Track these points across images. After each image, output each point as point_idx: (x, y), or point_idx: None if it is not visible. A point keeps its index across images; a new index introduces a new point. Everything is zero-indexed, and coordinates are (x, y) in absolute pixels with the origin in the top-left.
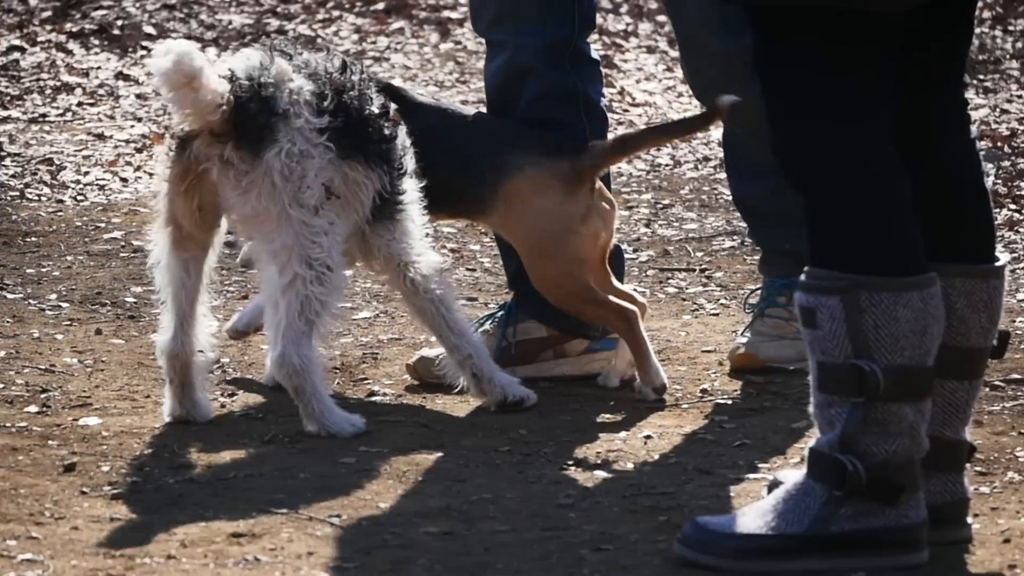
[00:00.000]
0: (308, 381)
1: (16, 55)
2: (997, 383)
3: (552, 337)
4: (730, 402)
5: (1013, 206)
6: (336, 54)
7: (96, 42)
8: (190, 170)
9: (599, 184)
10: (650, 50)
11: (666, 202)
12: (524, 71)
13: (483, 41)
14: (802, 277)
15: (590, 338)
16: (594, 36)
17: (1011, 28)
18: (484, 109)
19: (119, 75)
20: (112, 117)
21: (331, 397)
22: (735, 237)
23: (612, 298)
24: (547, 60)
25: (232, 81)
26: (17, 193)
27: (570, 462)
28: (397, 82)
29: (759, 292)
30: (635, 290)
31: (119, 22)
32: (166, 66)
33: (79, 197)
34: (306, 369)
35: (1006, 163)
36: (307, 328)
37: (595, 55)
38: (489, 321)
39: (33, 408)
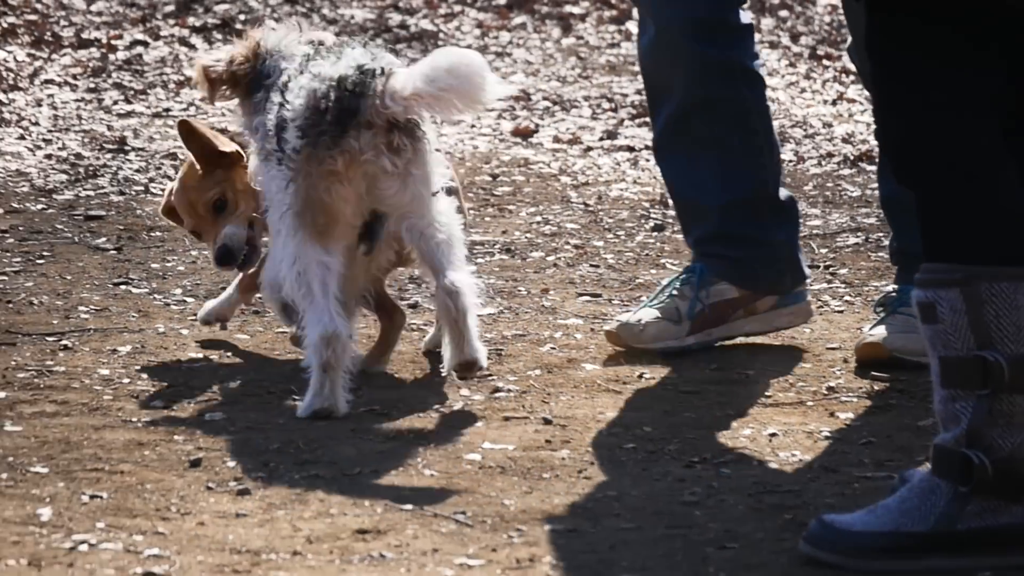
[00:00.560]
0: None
1: (139, 49)
2: None
3: (744, 297)
4: (855, 399)
5: None
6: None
7: (219, 36)
8: (354, 160)
9: None
10: (773, 45)
11: None
12: (675, 48)
13: (604, 36)
14: (917, 275)
15: (779, 294)
16: None
17: None
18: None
19: None
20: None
21: None
22: (859, 233)
23: None
24: (698, 35)
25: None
26: (142, 188)
27: (695, 459)
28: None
29: (889, 293)
30: None
31: (241, 16)
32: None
33: None
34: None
35: None
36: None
37: (747, 19)
38: (676, 285)
39: (159, 403)
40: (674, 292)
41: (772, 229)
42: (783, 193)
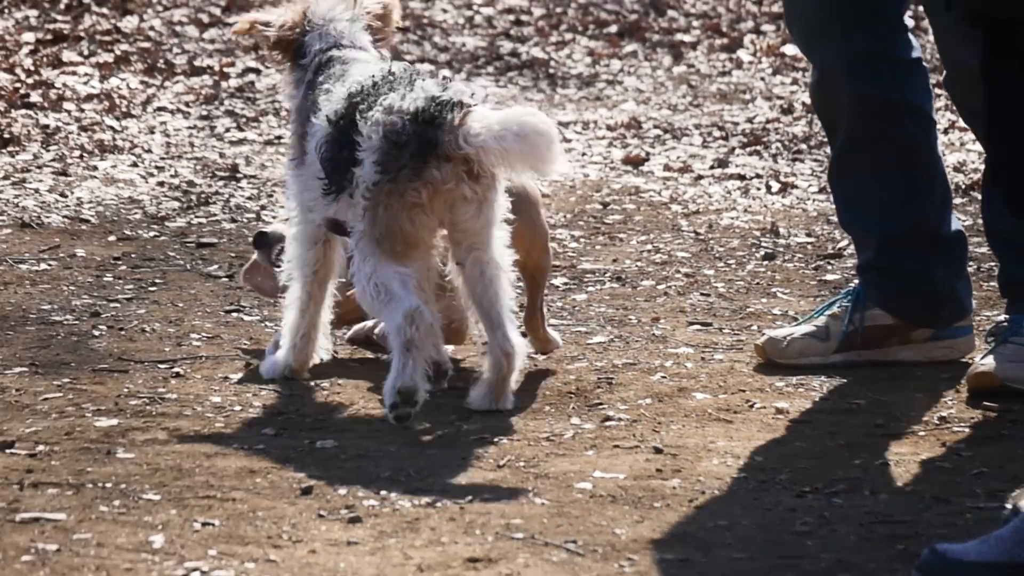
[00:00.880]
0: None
1: (251, 77)
2: None
3: (898, 325)
4: (967, 429)
5: None
6: None
7: None
8: (438, 191)
9: None
10: None
11: None
12: (836, 87)
13: (715, 64)
14: None
15: (935, 328)
16: None
17: None
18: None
19: None
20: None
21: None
22: (971, 263)
23: None
24: (859, 72)
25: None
26: (253, 215)
27: (806, 489)
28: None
29: (1000, 323)
30: None
31: None
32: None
33: None
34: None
35: None
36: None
37: (916, 54)
38: (834, 305)
39: (270, 430)
40: (830, 312)
41: (932, 263)
42: (951, 227)
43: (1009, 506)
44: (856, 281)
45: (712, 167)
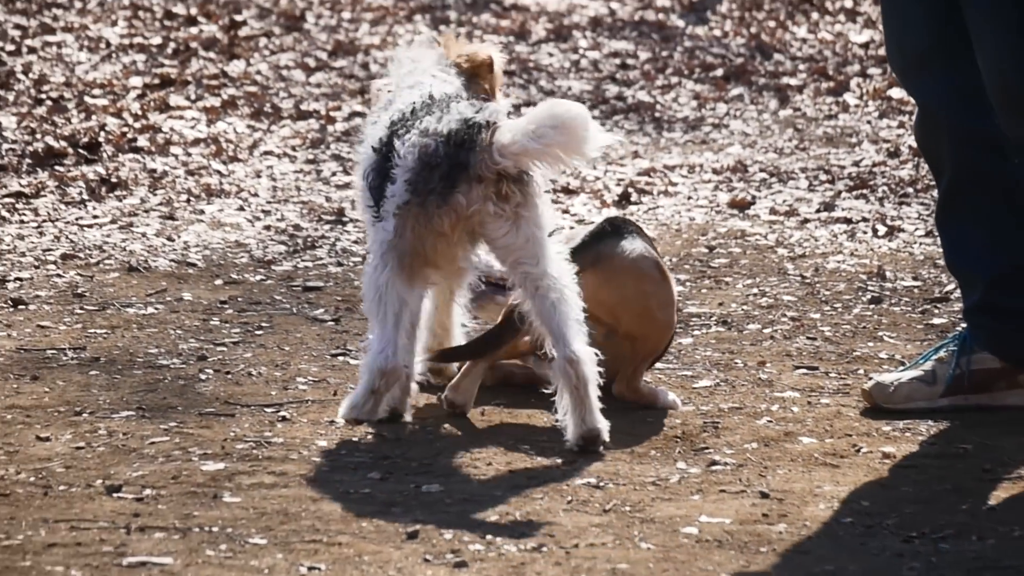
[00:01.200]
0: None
1: (357, 121)
2: None
3: (1006, 369)
4: None
5: None
6: None
7: None
8: (460, 217)
9: None
10: None
11: None
12: (937, 123)
13: (821, 108)
14: None
15: None
16: None
17: None
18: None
19: None
20: None
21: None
22: None
23: None
24: (959, 107)
25: None
26: (359, 259)
27: (913, 534)
28: None
29: None
30: None
31: None
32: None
33: None
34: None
35: None
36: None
37: None
38: (942, 350)
39: (376, 474)
40: (937, 356)
41: None
42: None
43: None
44: (963, 325)
45: (818, 210)
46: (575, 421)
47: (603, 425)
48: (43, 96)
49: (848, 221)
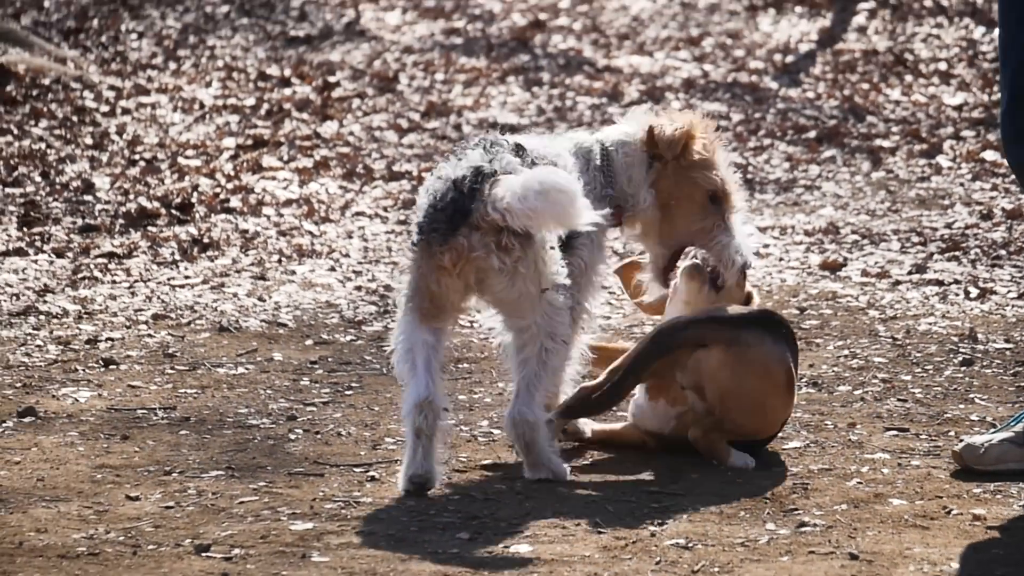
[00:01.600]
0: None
1: None
2: None
3: None
4: None
5: None
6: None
7: None
8: (462, 256)
9: None
10: None
11: None
12: None
13: (914, 170)
14: None
15: None
16: None
17: None
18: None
19: None
20: None
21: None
22: None
23: None
24: None
25: None
26: None
27: None
28: None
29: None
30: None
31: None
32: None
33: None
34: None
35: None
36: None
37: None
38: (1018, 422)
39: (465, 534)
40: (1016, 429)
41: None
42: None
43: None
44: None
45: (910, 272)
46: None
47: (537, 475)
48: (136, 157)
49: (940, 283)
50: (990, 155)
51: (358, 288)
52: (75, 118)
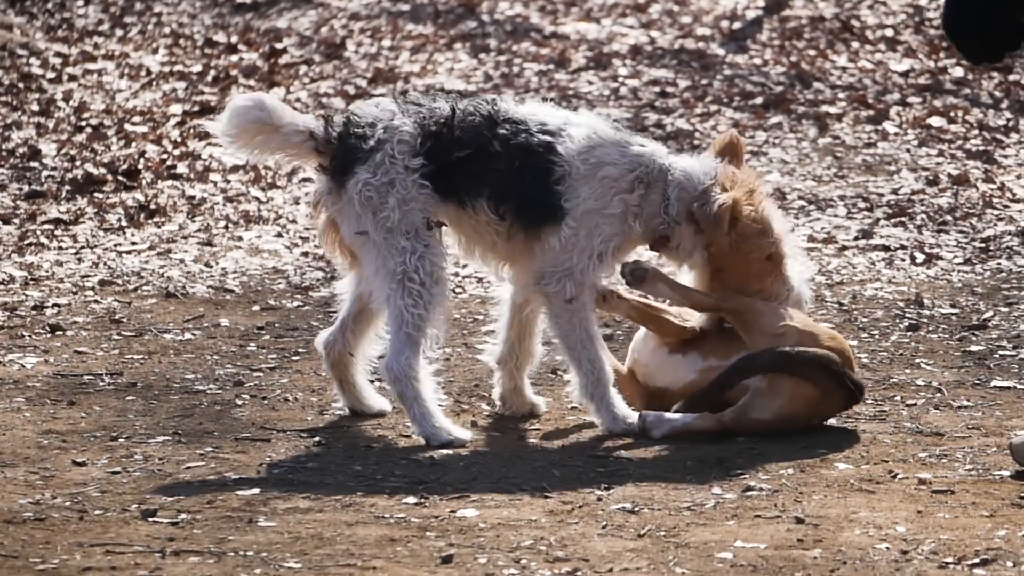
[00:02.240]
0: (410, 387)
1: None
2: None
3: None
4: None
5: None
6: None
7: None
8: (318, 203)
9: None
10: None
11: None
12: None
13: (861, 136)
14: None
15: None
16: (974, 131)
17: None
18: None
19: None
20: None
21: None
22: None
23: None
24: None
25: (343, 123)
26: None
27: (949, 560)
28: None
29: None
30: None
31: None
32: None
33: (458, 289)
34: (408, 376)
35: None
36: (407, 340)
37: None
38: None
39: (411, 499)
40: None
41: None
42: None
43: None
44: None
45: (856, 238)
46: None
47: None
48: (83, 123)
49: (886, 249)
50: (936, 121)
51: (305, 254)
52: (21, 85)
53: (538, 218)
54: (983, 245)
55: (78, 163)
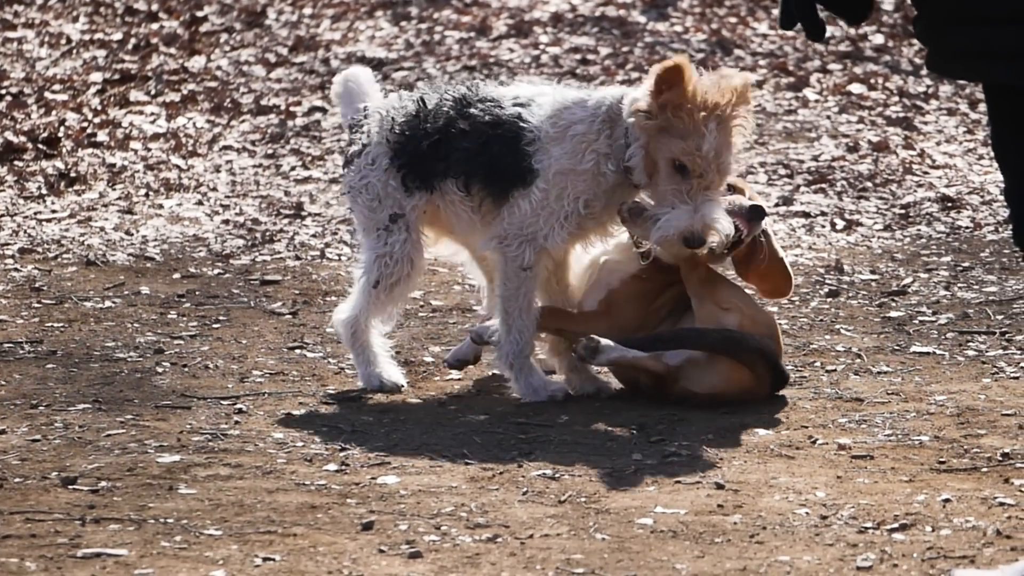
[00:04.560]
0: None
1: (317, 116)
2: None
3: None
4: None
5: None
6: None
7: None
8: None
9: None
10: (950, 112)
11: (966, 264)
12: None
13: (781, 103)
14: None
15: None
16: (894, 98)
17: None
18: None
19: None
20: None
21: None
22: None
23: None
24: None
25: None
26: (317, 253)
27: (868, 525)
28: None
29: None
30: None
31: (419, 83)
32: None
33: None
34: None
35: None
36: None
37: None
38: None
39: (332, 466)
40: None
41: None
42: None
43: None
44: None
45: (777, 205)
46: None
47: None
48: (3, 91)
49: (807, 215)
50: (856, 88)
51: (226, 222)
52: None
53: (508, 184)
54: (903, 211)
55: None
